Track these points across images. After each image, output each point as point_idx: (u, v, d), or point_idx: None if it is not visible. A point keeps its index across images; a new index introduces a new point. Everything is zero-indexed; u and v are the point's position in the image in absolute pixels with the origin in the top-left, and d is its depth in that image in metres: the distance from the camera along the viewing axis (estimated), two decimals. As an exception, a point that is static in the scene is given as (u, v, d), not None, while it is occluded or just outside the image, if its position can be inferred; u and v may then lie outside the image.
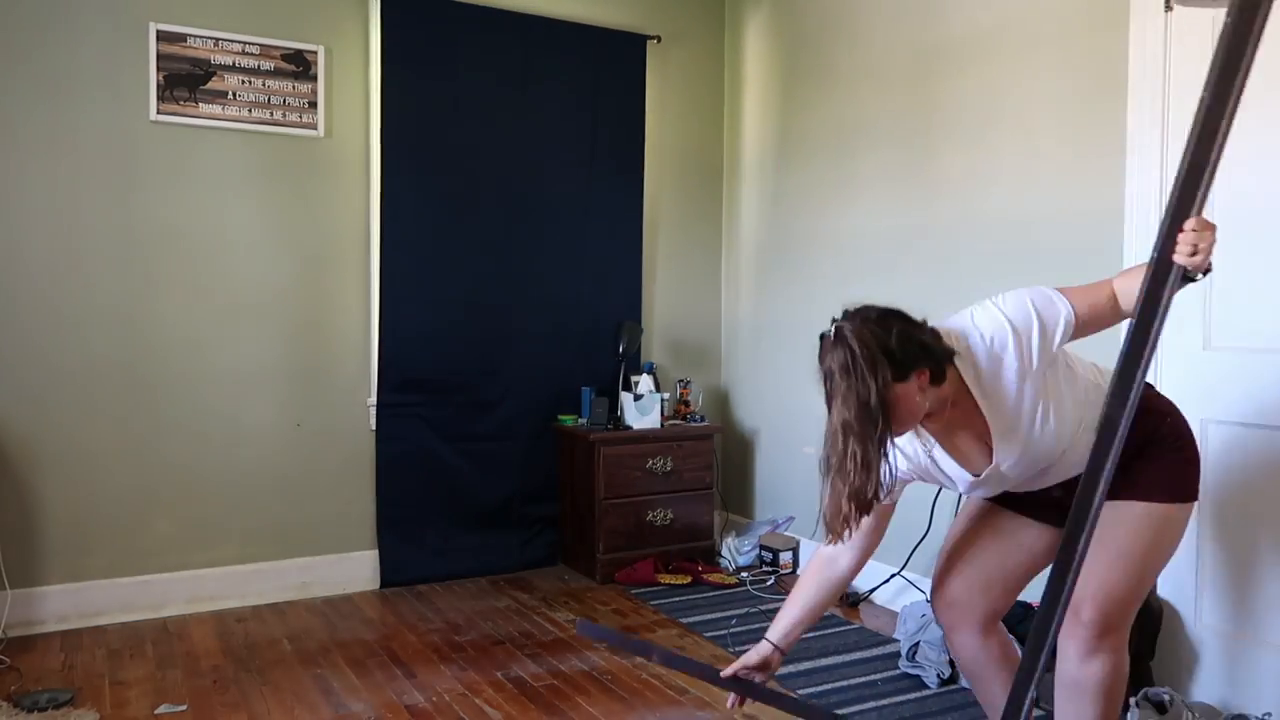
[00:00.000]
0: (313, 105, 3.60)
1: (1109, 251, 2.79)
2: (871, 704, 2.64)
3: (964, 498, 2.06)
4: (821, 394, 1.67)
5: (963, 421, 1.74)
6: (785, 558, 3.97)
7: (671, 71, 4.39)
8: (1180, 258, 1.54)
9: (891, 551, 3.57)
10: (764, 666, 1.91)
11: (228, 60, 3.46)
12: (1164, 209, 1.57)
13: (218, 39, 3.44)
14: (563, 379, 4.11)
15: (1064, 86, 2.92)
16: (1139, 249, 2.69)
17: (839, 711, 2.58)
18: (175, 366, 3.43)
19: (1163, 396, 1.94)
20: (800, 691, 2.72)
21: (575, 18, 4.09)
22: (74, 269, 3.27)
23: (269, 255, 3.57)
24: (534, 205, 4.02)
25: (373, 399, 3.76)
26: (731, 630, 3.24)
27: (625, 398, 3.99)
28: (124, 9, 3.30)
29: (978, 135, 3.21)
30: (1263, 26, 1.45)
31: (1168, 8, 2.61)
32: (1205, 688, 2.56)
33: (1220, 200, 2.51)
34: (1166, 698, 2.34)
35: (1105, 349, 2.00)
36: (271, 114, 3.54)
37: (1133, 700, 2.36)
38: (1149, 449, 1.81)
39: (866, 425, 1.55)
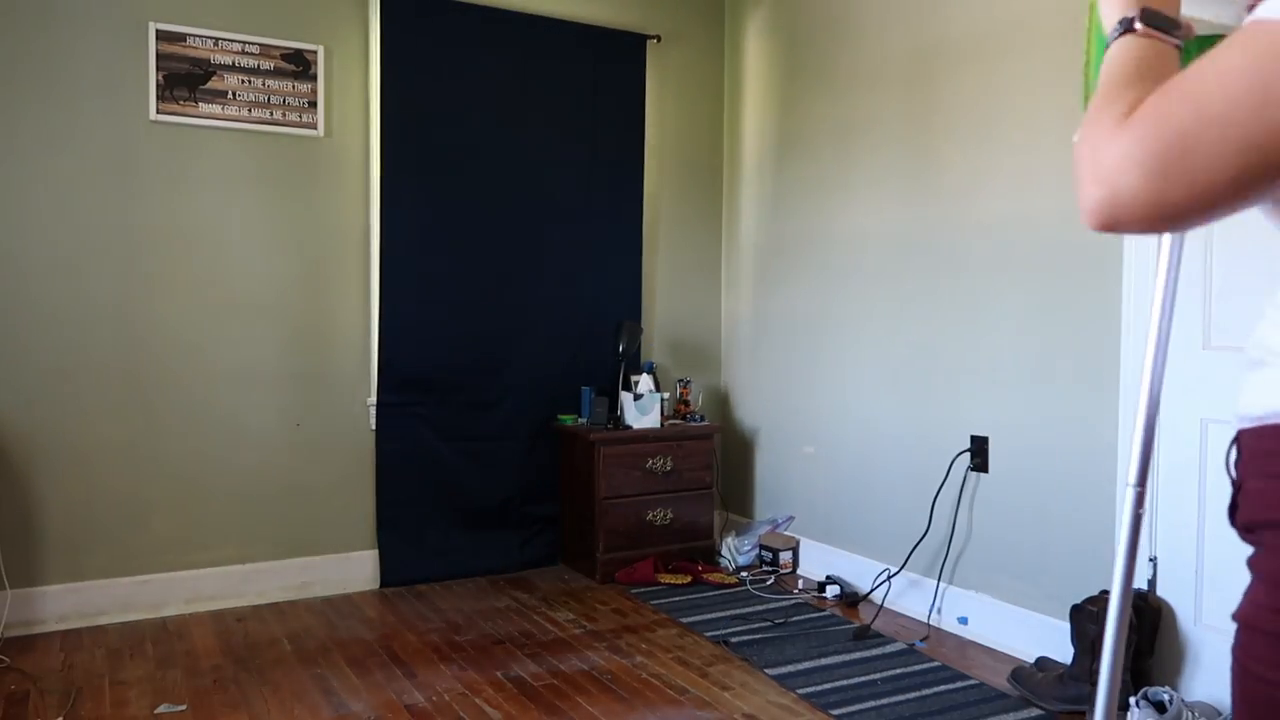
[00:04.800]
0: (313, 105, 3.60)
1: (1109, 251, 2.79)
2: (871, 704, 2.64)
3: None
4: None
5: None
6: (785, 557, 3.97)
7: (671, 71, 4.39)
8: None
9: (890, 551, 3.57)
10: None
11: (227, 60, 3.46)
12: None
13: (217, 39, 3.44)
14: (563, 379, 4.11)
15: (1064, 86, 2.92)
16: (1139, 248, 2.69)
17: (836, 712, 2.59)
18: (175, 366, 3.43)
19: None
20: (800, 691, 2.72)
21: (575, 17, 4.09)
22: (74, 269, 3.27)
23: (269, 255, 3.57)
24: (534, 205, 4.02)
25: (373, 399, 3.76)
26: (731, 630, 3.24)
27: (625, 397, 3.99)
28: (124, 9, 3.30)
29: (978, 135, 3.21)
30: None
31: (1167, 7, 2.61)
32: (1205, 687, 2.56)
33: (1220, 200, 2.51)
34: (1166, 697, 2.34)
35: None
36: (271, 114, 3.54)
37: (1133, 700, 2.36)
38: None
39: None
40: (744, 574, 3.92)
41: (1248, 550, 0.86)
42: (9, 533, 3.18)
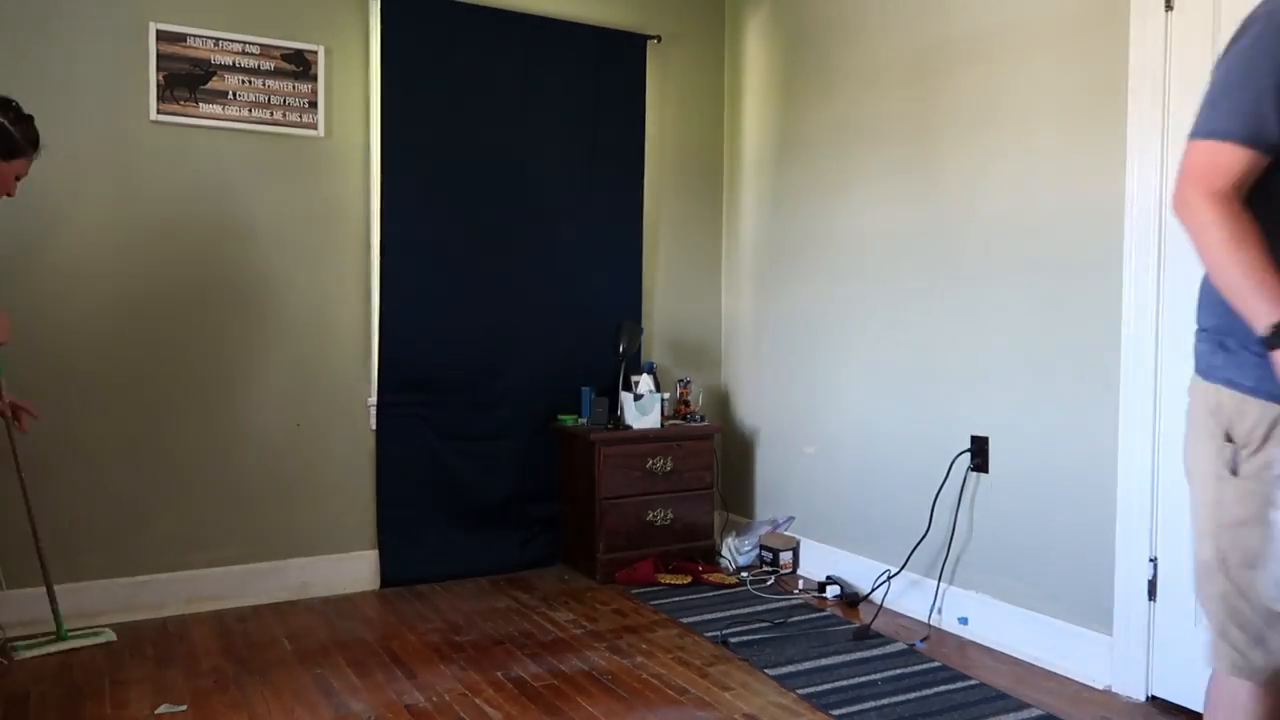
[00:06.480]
0: (313, 105, 3.60)
1: (1109, 251, 2.79)
2: (871, 704, 2.64)
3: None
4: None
5: None
6: (785, 558, 3.97)
7: (671, 71, 4.39)
8: None
9: (890, 551, 3.57)
10: None
11: (228, 60, 3.46)
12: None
13: (218, 39, 3.44)
14: (563, 379, 4.11)
15: (1064, 86, 2.92)
16: (1139, 249, 2.69)
17: (837, 713, 2.59)
18: (175, 366, 3.43)
19: None
20: (800, 692, 2.72)
21: (575, 18, 4.09)
22: (73, 269, 3.27)
23: (269, 255, 3.57)
24: (534, 205, 4.02)
25: (373, 399, 3.76)
26: (731, 630, 3.23)
27: (625, 398, 3.99)
28: (124, 9, 3.30)
29: (978, 135, 3.21)
30: None
31: (1168, 7, 2.61)
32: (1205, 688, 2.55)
33: (1220, 200, 2.51)
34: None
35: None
36: (271, 114, 3.54)
37: (1133, 700, 2.36)
38: None
39: None
40: (744, 574, 3.92)
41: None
42: (9, 533, 3.18)
